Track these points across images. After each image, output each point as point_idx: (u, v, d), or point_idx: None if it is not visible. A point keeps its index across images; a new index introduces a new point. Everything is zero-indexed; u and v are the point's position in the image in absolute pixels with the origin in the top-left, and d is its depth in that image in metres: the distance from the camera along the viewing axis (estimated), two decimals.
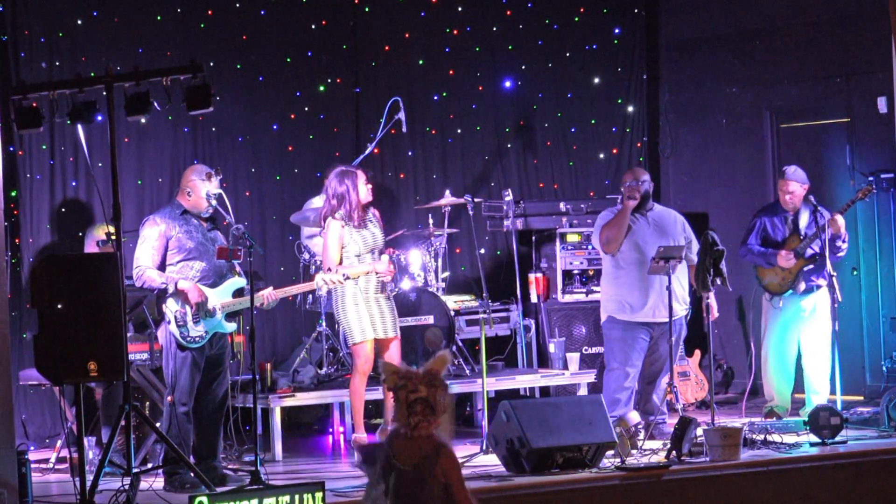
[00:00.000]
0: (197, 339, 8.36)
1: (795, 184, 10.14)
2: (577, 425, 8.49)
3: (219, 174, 8.59)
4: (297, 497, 7.36)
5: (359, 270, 9.00)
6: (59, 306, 7.43)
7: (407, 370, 5.67)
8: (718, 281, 9.36)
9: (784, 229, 10.22)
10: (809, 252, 10.04)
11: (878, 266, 11.31)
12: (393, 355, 9.21)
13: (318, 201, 10.84)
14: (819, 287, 10.13)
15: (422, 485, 5.58)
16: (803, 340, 10.19)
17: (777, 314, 10.22)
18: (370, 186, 9.24)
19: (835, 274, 9.82)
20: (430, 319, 10.21)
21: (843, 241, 10.05)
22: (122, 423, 7.73)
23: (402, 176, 11.85)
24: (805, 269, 10.09)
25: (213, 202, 8.47)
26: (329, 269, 8.91)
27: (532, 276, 11.46)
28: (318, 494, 7.41)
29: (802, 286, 10.10)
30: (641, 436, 8.97)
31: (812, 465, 8.75)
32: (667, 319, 9.44)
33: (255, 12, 11.26)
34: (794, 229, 10.19)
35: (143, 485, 7.95)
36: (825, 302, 10.09)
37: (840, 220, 9.97)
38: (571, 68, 12.38)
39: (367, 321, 9.11)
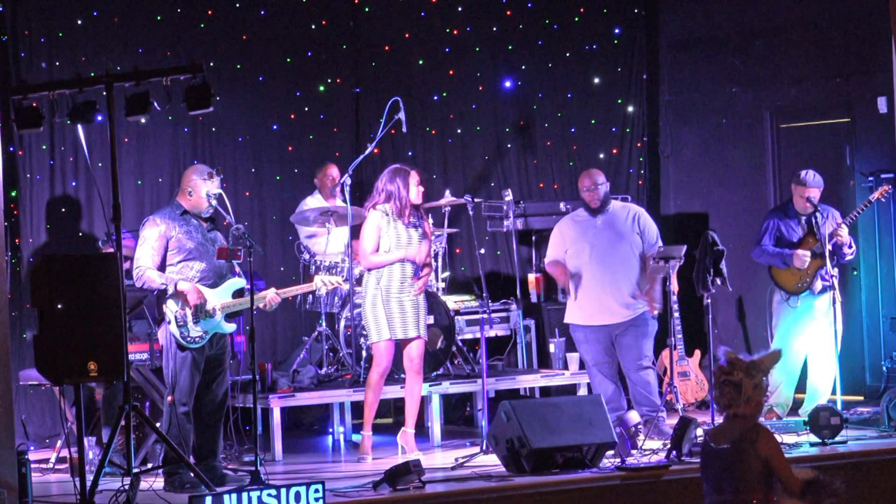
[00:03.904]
0: (197, 339, 8.35)
1: (816, 189, 10.12)
2: (577, 425, 8.49)
3: (220, 174, 8.59)
4: (297, 497, 7.37)
5: (390, 258, 9.10)
6: (59, 306, 7.43)
7: (736, 357, 6.31)
8: (718, 281, 9.35)
9: (799, 230, 10.21)
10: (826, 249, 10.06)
11: (878, 266, 11.29)
12: (412, 355, 9.20)
13: (311, 201, 10.84)
14: (833, 287, 10.12)
15: (740, 462, 6.21)
16: (812, 341, 10.17)
17: (790, 313, 10.19)
18: (422, 189, 9.27)
19: (834, 274, 9.82)
20: (430, 319, 10.18)
21: (850, 247, 10.06)
22: (122, 423, 7.74)
23: None
24: (821, 268, 10.07)
25: (214, 202, 8.46)
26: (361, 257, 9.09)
27: (532, 276, 11.45)
28: (318, 494, 7.42)
29: (819, 285, 10.09)
30: (641, 436, 8.97)
31: (812, 465, 8.72)
32: (622, 318, 9.63)
33: (255, 12, 11.26)
34: (809, 230, 10.18)
35: (143, 485, 7.95)
36: (838, 302, 10.09)
37: (844, 230, 9.98)
38: (571, 68, 12.37)
39: (383, 322, 9.12)
